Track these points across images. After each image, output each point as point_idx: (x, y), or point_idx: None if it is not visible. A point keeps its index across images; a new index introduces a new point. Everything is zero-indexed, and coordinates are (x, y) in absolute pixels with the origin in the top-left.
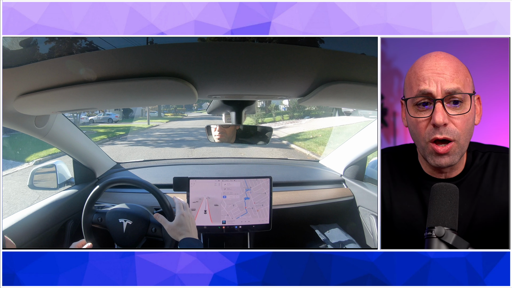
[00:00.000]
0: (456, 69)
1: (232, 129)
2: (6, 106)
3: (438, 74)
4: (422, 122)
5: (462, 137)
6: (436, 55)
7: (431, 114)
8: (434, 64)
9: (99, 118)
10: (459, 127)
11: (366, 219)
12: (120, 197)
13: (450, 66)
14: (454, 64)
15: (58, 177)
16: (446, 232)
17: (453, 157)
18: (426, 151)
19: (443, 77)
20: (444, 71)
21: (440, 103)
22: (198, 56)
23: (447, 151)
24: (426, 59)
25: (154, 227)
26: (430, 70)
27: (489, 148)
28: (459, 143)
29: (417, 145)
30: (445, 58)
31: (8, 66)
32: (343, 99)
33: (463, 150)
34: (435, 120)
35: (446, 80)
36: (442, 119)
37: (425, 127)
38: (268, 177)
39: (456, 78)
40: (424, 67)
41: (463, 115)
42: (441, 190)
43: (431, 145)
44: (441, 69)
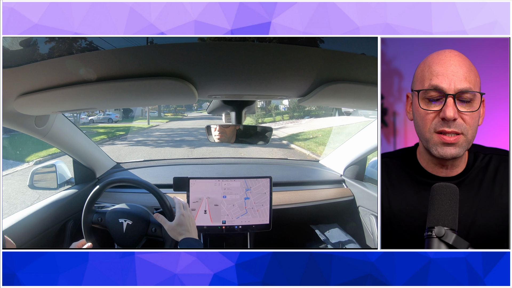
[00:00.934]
0: (469, 68)
1: (232, 129)
2: (6, 106)
3: (452, 71)
4: (430, 114)
5: (470, 132)
6: (451, 52)
7: (441, 109)
8: (449, 61)
9: (99, 118)
10: (468, 122)
11: (366, 219)
12: (120, 197)
13: (464, 65)
14: (467, 63)
15: (58, 177)
16: (446, 232)
17: (459, 149)
18: (431, 142)
19: (456, 75)
20: (457, 69)
21: (452, 98)
22: (198, 56)
23: (455, 141)
24: (440, 54)
25: (154, 227)
26: (444, 66)
27: (491, 151)
28: (467, 137)
29: (421, 137)
30: (459, 56)
31: (8, 66)
32: (343, 99)
33: (469, 145)
34: (446, 114)
35: (459, 78)
36: (453, 113)
37: (433, 119)
38: (268, 177)
39: (468, 77)
40: (438, 63)
41: (472, 112)
42: (441, 190)
43: (437, 135)
44: (454, 67)
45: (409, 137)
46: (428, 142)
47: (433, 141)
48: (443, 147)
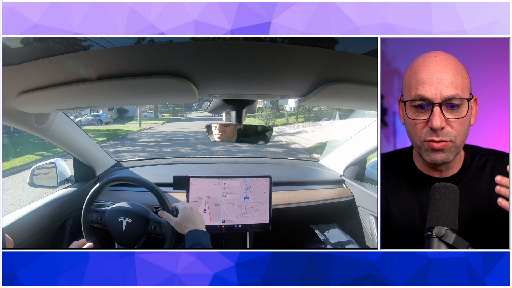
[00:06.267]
0: (456, 72)
1: (233, 128)
2: (7, 104)
3: (437, 78)
4: (419, 124)
5: (459, 138)
6: (436, 56)
7: (429, 117)
8: (434, 67)
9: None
10: (456, 129)
11: (366, 220)
12: (120, 196)
13: (450, 69)
14: (453, 66)
15: (58, 175)
16: (446, 232)
17: (448, 154)
18: (422, 148)
19: (442, 82)
20: (443, 75)
21: (438, 107)
22: (199, 55)
23: (443, 147)
24: (425, 59)
25: (154, 224)
26: (429, 73)
27: (487, 152)
28: (455, 143)
29: (413, 144)
30: (444, 59)
31: (9, 64)
32: (344, 99)
33: (459, 149)
34: (433, 124)
35: (445, 85)
36: (440, 123)
37: (422, 129)
38: (268, 177)
39: (454, 82)
40: (423, 70)
41: (460, 119)
42: (441, 190)
43: (427, 143)
44: (440, 73)
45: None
46: (420, 148)
47: (424, 148)
48: (433, 152)
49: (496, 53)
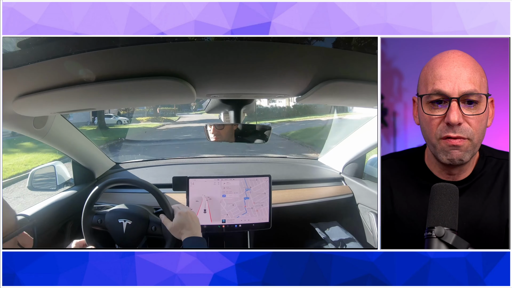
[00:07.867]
0: (474, 68)
1: (231, 128)
2: (5, 107)
3: (455, 73)
4: (435, 119)
5: (476, 136)
6: (454, 53)
7: (446, 113)
8: (452, 62)
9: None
10: (473, 126)
11: (366, 217)
12: (120, 198)
13: (468, 65)
14: (471, 63)
15: (57, 178)
16: (446, 232)
17: (464, 154)
18: (438, 147)
19: (460, 77)
20: (461, 70)
21: (456, 102)
22: (197, 55)
23: (460, 144)
24: (443, 56)
25: (154, 225)
26: (447, 68)
27: (504, 156)
28: (473, 142)
29: (428, 142)
30: (463, 56)
31: (6, 67)
32: (342, 97)
33: (475, 149)
34: (450, 119)
35: (462, 80)
36: (457, 118)
37: (438, 125)
38: (267, 176)
39: (472, 78)
40: (441, 65)
41: (478, 115)
42: (441, 190)
43: (443, 140)
44: (458, 68)
45: (409, 138)
46: (435, 147)
47: (439, 147)
48: (449, 150)
49: (496, 53)
